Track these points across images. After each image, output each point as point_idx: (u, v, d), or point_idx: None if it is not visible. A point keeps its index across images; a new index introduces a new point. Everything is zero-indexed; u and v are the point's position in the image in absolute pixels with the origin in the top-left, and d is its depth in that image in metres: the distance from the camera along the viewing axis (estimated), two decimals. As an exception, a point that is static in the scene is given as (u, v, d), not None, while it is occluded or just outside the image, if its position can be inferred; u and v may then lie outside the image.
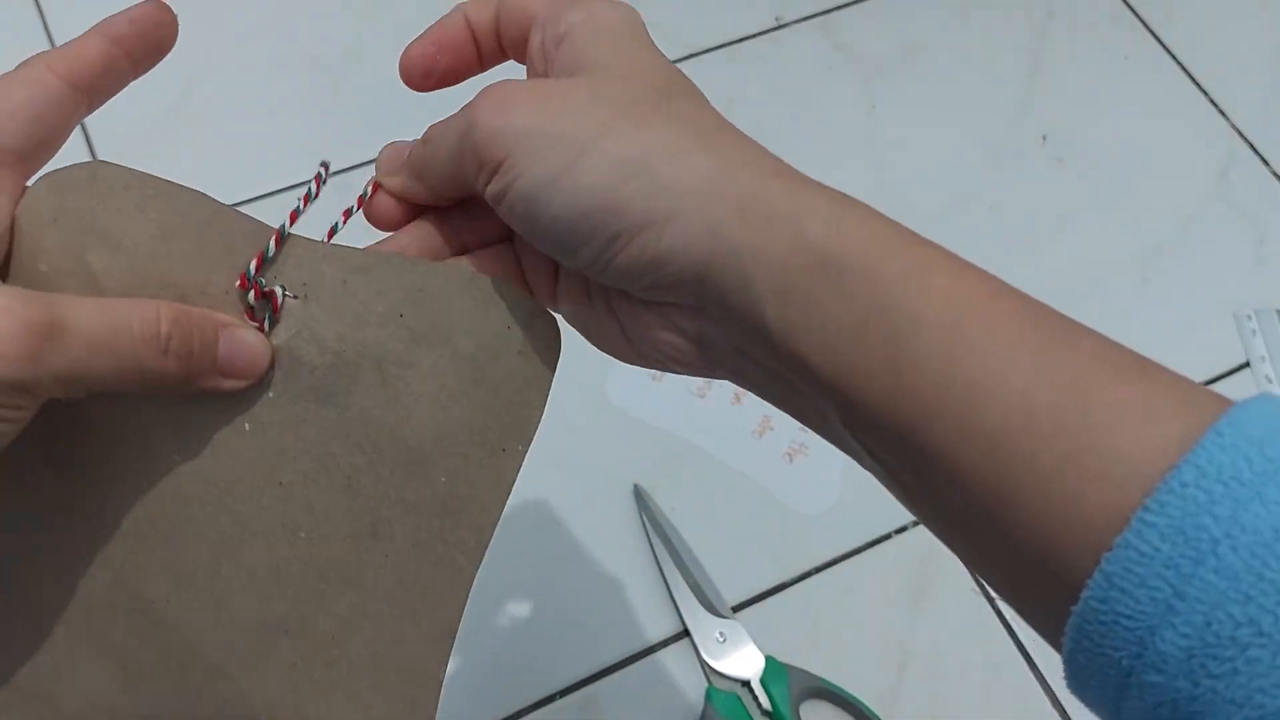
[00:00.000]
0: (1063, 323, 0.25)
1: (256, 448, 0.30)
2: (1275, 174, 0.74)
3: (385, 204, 0.32)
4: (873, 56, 0.76)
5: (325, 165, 0.33)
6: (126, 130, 0.68)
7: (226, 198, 0.53)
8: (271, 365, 0.30)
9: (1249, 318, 0.68)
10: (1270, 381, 0.65)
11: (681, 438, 0.61)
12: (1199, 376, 0.66)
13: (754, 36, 0.76)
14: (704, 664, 0.54)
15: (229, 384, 0.29)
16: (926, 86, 0.75)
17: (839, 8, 0.78)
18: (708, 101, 0.29)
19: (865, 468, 0.27)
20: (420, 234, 0.32)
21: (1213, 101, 0.77)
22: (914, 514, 0.27)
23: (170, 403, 0.30)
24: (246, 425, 0.30)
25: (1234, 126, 0.76)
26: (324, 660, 0.31)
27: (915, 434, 0.24)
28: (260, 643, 0.31)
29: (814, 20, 0.77)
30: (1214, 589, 0.21)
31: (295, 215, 0.31)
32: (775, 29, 0.77)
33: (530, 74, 0.30)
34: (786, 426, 0.62)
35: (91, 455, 0.30)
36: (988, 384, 0.23)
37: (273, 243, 0.30)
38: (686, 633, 0.55)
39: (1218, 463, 0.21)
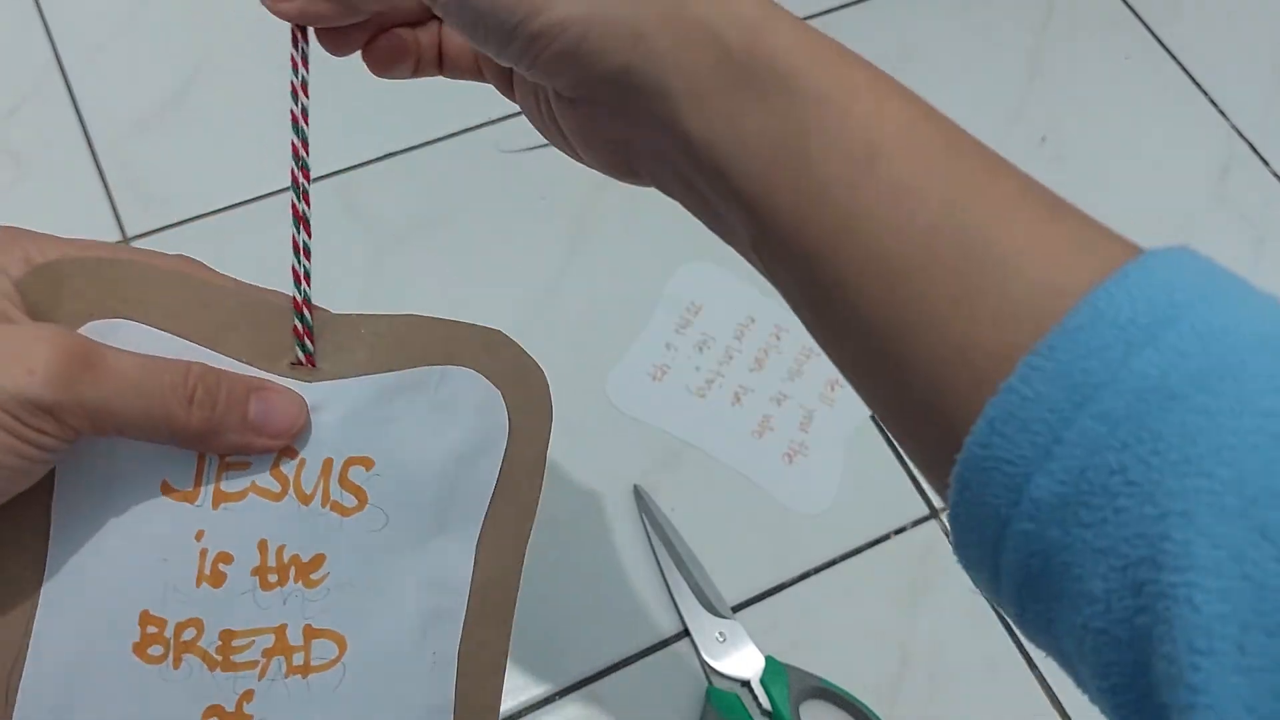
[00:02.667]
0: (984, 157, 0.24)
1: None
2: (1275, 174, 0.74)
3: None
4: (872, 56, 0.76)
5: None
6: (123, 125, 0.68)
7: (223, 197, 0.54)
8: None
9: (1249, 318, 0.68)
10: (1270, 381, 0.65)
11: (681, 438, 0.61)
12: (1199, 376, 0.66)
13: (754, 36, 0.76)
14: (704, 664, 0.54)
15: (263, 442, 0.29)
16: (926, 86, 0.75)
17: (839, 8, 0.78)
18: None
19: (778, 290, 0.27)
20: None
21: (1213, 101, 0.77)
22: (819, 345, 0.26)
23: None
24: None
25: (1234, 126, 0.76)
26: None
27: (818, 264, 0.24)
28: None
29: (814, 20, 0.77)
30: (1092, 435, 0.20)
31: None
32: (775, 29, 0.77)
33: None
34: (786, 427, 0.62)
35: None
36: (892, 220, 0.23)
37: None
38: (686, 633, 0.55)
39: (1116, 304, 0.20)
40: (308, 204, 0.32)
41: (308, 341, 0.30)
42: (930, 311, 0.22)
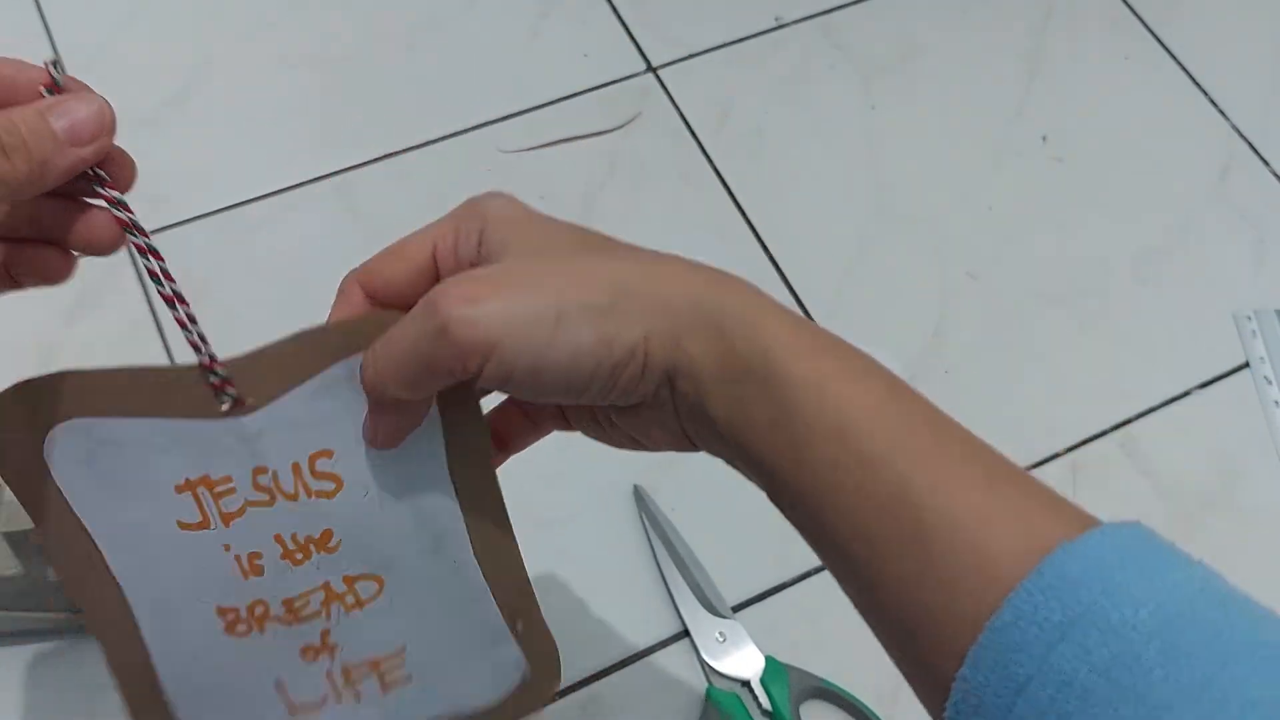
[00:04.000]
0: (935, 427, 0.29)
1: None
2: (1275, 174, 0.74)
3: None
4: (873, 56, 0.76)
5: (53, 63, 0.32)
6: (124, 125, 0.68)
7: (223, 197, 0.54)
8: None
9: (1249, 318, 0.68)
10: (1270, 382, 0.65)
11: (681, 438, 0.61)
12: (1199, 377, 0.66)
13: (754, 36, 0.76)
14: (704, 664, 0.54)
15: (88, 151, 0.30)
16: (926, 86, 0.75)
17: (839, 8, 0.78)
18: (615, 239, 0.34)
19: None
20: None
21: (1213, 101, 0.77)
22: None
23: None
24: None
25: (1234, 126, 0.76)
26: None
27: (816, 524, 0.29)
28: None
29: (814, 20, 0.77)
30: None
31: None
32: (775, 29, 0.77)
33: None
34: (786, 426, 0.62)
35: None
36: (862, 490, 0.28)
37: None
38: (686, 633, 0.55)
39: (1033, 604, 0.25)
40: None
41: (229, 389, 0.34)
42: (901, 573, 0.27)
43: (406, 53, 0.73)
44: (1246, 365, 0.66)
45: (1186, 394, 0.65)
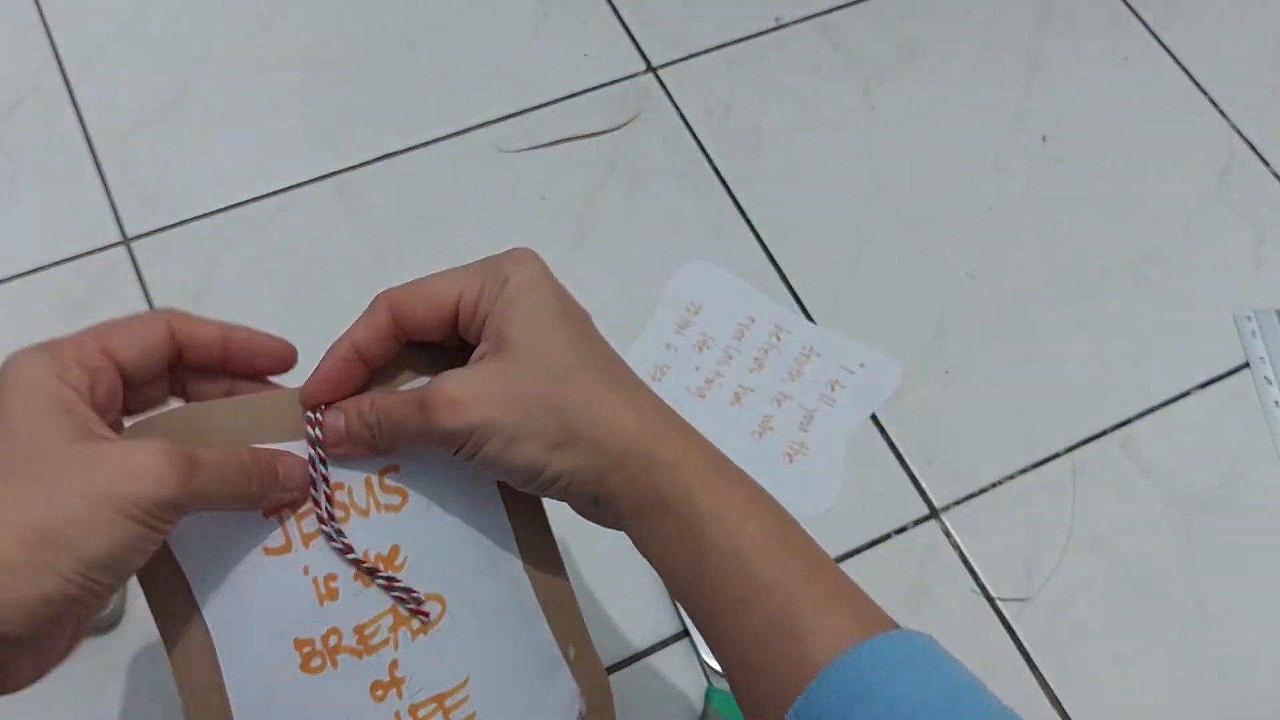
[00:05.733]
0: (807, 556, 0.38)
1: None
2: (1275, 174, 0.74)
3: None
4: (873, 56, 0.76)
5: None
6: (123, 125, 0.68)
7: (223, 197, 0.53)
8: None
9: (1249, 318, 0.68)
10: (1270, 382, 0.65)
11: (681, 438, 0.61)
12: (1199, 377, 0.66)
13: (754, 36, 0.76)
14: (704, 664, 0.54)
15: (290, 495, 0.38)
16: (926, 86, 0.75)
17: (839, 8, 0.78)
18: (605, 353, 0.40)
19: None
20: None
21: (1213, 101, 0.77)
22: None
23: None
24: None
25: (1234, 126, 0.76)
26: None
27: (703, 618, 0.38)
28: None
29: (814, 20, 0.77)
30: None
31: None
32: (775, 29, 0.77)
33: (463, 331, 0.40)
34: (786, 427, 0.62)
35: None
36: (748, 601, 0.37)
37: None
38: (686, 633, 0.55)
39: (845, 674, 0.35)
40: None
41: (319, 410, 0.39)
42: (767, 653, 0.37)
43: (406, 52, 0.73)
44: (1246, 365, 0.66)
45: (1186, 394, 0.65)
